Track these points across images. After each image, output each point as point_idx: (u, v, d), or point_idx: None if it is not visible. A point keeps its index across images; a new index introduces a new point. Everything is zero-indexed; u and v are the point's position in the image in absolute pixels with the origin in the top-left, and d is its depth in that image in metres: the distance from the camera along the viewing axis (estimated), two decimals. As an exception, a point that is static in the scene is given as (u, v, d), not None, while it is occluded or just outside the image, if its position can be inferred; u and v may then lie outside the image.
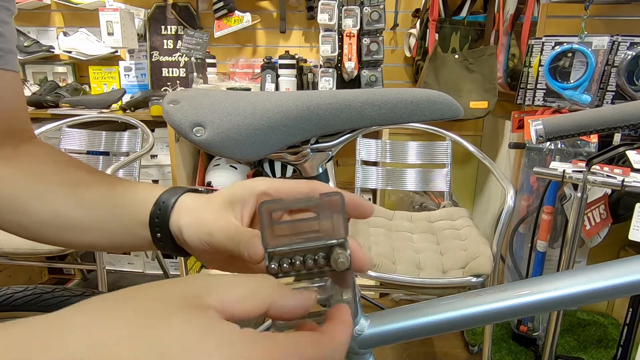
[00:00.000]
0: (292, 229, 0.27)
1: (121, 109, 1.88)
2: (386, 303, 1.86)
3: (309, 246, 0.27)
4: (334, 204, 0.27)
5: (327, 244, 0.27)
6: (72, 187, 0.39)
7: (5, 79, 0.41)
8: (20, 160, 0.41)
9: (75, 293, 0.55)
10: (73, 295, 0.55)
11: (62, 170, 0.41)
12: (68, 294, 0.55)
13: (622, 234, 1.17)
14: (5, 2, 0.39)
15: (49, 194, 0.39)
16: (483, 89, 1.71)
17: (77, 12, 2.09)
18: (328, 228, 0.27)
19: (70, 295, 0.55)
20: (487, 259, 1.12)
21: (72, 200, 0.39)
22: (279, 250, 0.27)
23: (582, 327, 1.67)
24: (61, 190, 0.39)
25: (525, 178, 1.53)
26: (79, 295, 0.54)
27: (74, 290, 0.56)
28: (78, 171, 0.41)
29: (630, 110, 0.62)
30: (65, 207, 0.38)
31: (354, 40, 1.71)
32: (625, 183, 0.98)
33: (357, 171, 1.62)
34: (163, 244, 0.36)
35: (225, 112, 0.43)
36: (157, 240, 0.36)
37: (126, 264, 2.08)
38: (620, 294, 0.44)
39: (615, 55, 1.33)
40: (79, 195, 0.39)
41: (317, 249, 0.27)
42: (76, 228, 0.38)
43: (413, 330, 0.52)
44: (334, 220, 0.27)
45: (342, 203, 0.27)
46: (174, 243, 0.36)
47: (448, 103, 0.47)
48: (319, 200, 0.27)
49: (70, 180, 0.40)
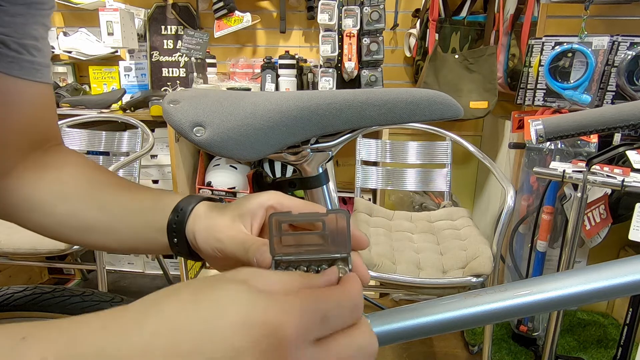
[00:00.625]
0: (298, 240, 0.29)
1: (121, 109, 1.88)
2: (386, 303, 1.85)
3: (314, 257, 0.28)
4: (340, 220, 0.28)
5: (331, 257, 0.29)
6: (94, 192, 0.42)
7: (42, 91, 0.44)
8: (49, 166, 0.44)
9: (75, 293, 0.55)
10: (73, 295, 0.55)
11: (86, 175, 0.43)
12: (68, 293, 0.55)
13: (622, 234, 1.17)
14: (43, 18, 0.42)
15: (70, 197, 0.42)
16: (483, 89, 1.71)
17: (77, 12, 2.09)
18: (332, 242, 0.28)
19: (70, 295, 0.55)
20: (487, 259, 1.12)
21: (93, 203, 0.41)
22: (286, 258, 0.28)
23: (582, 327, 1.67)
24: (83, 193, 0.42)
25: (525, 178, 1.53)
26: (79, 295, 0.54)
27: (74, 290, 0.56)
28: (102, 176, 0.44)
29: (630, 110, 0.62)
30: (84, 210, 0.41)
31: (354, 40, 1.71)
32: (625, 183, 0.98)
33: (357, 171, 1.62)
34: (179, 248, 0.39)
35: (226, 112, 0.43)
36: (174, 245, 0.39)
37: (126, 264, 2.08)
38: (620, 294, 0.44)
39: (615, 55, 1.33)
40: (100, 200, 0.42)
41: (321, 260, 0.29)
42: (93, 230, 0.41)
43: (413, 330, 0.52)
44: (339, 235, 0.28)
45: (347, 220, 0.28)
46: (189, 248, 0.39)
47: (448, 103, 0.47)
48: (326, 216, 0.28)
49: (93, 185, 0.43)
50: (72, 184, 0.43)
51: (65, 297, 0.54)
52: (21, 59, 0.41)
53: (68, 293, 0.55)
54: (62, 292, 0.55)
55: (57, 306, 0.54)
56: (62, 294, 0.55)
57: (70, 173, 0.44)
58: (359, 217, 1.44)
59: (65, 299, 0.54)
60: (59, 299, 0.54)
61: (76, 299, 0.54)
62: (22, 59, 0.41)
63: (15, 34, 0.39)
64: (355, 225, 0.52)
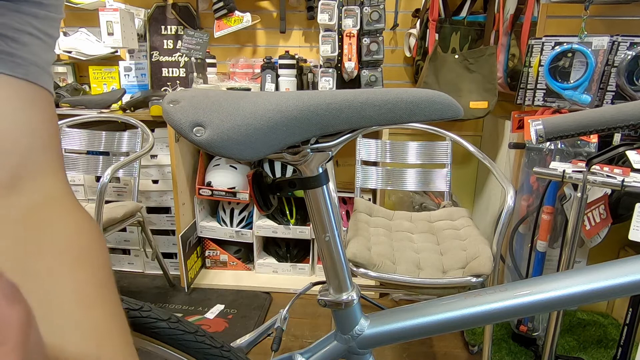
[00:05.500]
0: None
1: (121, 109, 1.88)
2: (386, 303, 1.86)
3: None
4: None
5: None
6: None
7: (23, 93, 0.33)
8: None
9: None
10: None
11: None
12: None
13: (622, 234, 1.17)
14: (38, 20, 0.34)
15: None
16: (483, 89, 1.71)
17: (77, 12, 2.09)
18: None
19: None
20: (487, 259, 1.12)
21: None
22: None
23: (582, 327, 1.67)
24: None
25: (525, 178, 1.53)
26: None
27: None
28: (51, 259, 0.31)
29: (630, 110, 0.62)
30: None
31: (354, 40, 1.71)
32: (625, 183, 0.98)
33: (357, 171, 1.62)
34: None
35: (225, 112, 0.43)
36: None
37: (126, 264, 2.09)
38: (620, 294, 0.44)
39: (615, 55, 1.33)
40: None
41: None
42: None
43: (413, 330, 0.52)
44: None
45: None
46: None
47: (448, 103, 0.47)
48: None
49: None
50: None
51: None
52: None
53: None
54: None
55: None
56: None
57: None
58: (359, 217, 1.44)
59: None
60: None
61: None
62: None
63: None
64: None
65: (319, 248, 0.56)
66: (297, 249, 2.06)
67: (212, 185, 1.91)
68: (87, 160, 1.82)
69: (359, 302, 0.57)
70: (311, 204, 0.53)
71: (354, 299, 0.56)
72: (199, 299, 1.87)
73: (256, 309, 1.80)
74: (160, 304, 1.82)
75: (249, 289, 1.95)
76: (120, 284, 2.00)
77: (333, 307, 0.56)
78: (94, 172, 1.83)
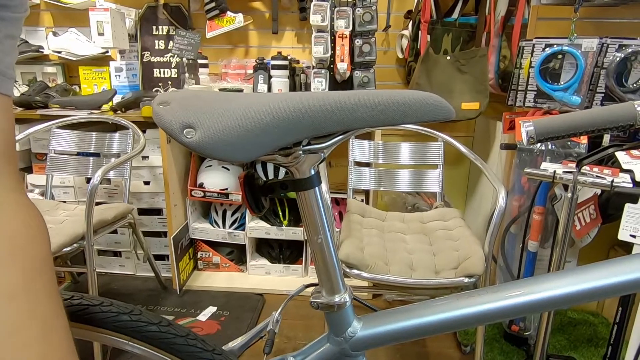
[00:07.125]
0: None
1: (112, 110, 1.87)
2: (379, 304, 1.86)
3: None
4: None
5: None
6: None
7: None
8: None
9: (65, 297, 0.54)
10: (64, 299, 0.54)
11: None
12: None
13: (612, 234, 1.18)
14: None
15: None
16: (475, 90, 1.72)
17: (66, 12, 2.06)
18: None
19: (63, 299, 0.54)
20: (479, 260, 1.12)
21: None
22: None
23: (573, 326, 1.68)
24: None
25: (517, 179, 1.54)
26: (68, 299, 0.53)
27: (63, 294, 0.55)
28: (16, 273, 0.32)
29: (619, 112, 0.63)
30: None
31: (346, 41, 1.71)
32: (614, 183, 1.00)
33: (350, 172, 1.62)
34: None
35: (216, 114, 0.42)
36: None
37: (117, 266, 2.06)
38: (610, 294, 0.44)
39: (605, 57, 1.34)
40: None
41: None
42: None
43: (406, 332, 0.52)
44: None
45: None
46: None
47: (440, 105, 0.47)
48: None
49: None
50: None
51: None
52: None
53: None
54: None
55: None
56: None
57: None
58: (352, 218, 1.44)
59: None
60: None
61: (66, 302, 0.53)
62: None
63: None
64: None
65: (311, 250, 0.55)
66: (290, 250, 2.05)
67: (204, 187, 1.90)
68: (77, 162, 1.80)
69: (351, 304, 0.57)
70: (303, 205, 0.53)
71: (347, 301, 0.56)
72: (191, 301, 1.86)
73: (249, 310, 1.79)
74: (152, 306, 1.81)
75: (242, 290, 1.94)
76: (111, 286, 1.97)
77: (326, 309, 0.56)
78: (84, 173, 1.81)
